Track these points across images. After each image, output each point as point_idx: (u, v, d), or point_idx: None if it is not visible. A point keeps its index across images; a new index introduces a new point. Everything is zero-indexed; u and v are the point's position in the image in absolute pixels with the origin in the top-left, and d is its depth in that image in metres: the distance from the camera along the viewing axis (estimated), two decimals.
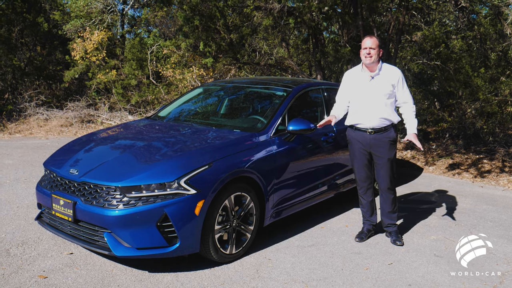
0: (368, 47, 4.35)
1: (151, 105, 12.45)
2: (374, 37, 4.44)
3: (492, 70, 10.82)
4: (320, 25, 10.99)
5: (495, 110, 9.87)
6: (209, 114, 5.67)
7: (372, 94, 4.42)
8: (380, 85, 4.41)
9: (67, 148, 4.53)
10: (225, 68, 12.66)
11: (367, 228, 4.77)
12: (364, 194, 4.72)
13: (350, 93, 4.57)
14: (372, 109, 4.41)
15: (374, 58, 4.36)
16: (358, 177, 4.68)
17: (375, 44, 4.34)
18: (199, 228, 3.69)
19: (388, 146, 4.46)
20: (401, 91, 4.45)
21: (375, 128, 4.43)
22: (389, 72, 4.46)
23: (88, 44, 12.14)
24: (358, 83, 4.51)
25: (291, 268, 3.97)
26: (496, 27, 11.17)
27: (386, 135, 4.44)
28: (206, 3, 9.89)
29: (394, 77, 4.43)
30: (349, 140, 4.65)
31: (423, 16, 11.61)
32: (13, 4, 12.59)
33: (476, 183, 7.37)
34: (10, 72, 12.78)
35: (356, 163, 4.64)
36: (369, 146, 4.49)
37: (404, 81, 4.48)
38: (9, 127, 10.50)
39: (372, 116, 4.41)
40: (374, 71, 4.43)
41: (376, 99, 4.40)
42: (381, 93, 4.39)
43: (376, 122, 4.42)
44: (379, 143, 4.45)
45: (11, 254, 3.95)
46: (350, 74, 4.66)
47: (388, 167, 4.50)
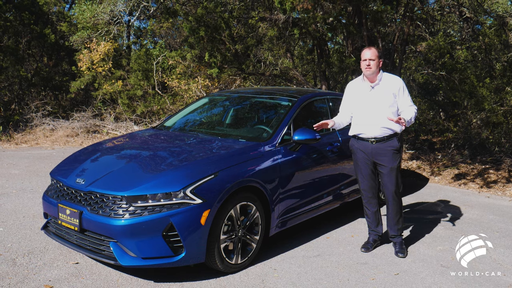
0: (368, 58, 4.37)
1: (157, 116, 12.51)
2: (373, 48, 4.46)
3: (498, 80, 10.79)
4: (325, 36, 11.04)
5: (501, 120, 9.83)
6: (214, 124, 5.69)
7: (372, 104, 4.43)
8: (380, 94, 4.42)
9: (74, 158, 4.56)
10: (230, 79, 12.71)
11: (373, 239, 4.74)
12: (368, 204, 4.70)
13: (352, 104, 4.60)
14: (373, 119, 4.42)
15: (373, 69, 4.37)
16: (362, 187, 4.67)
17: (374, 55, 4.36)
18: (205, 238, 3.69)
19: (391, 155, 4.44)
20: (402, 99, 4.44)
21: (377, 138, 4.44)
22: (389, 81, 4.47)
23: (94, 55, 12.24)
24: (359, 94, 4.54)
25: (296, 278, 3.95)
26: (501, 37, 11.17)
27: (389, 144, 4.43)
28: (211, 14, 9.96)
29: (394, 86, 4.43)
30: (352, 150, 4.66)
31: (427, 27, 11.65)
32: (20, 16, 12.73)
33: (482, 193, 7.33)
34: (17, 82, 12.89)
35: (360, 173, 4.64)
36: (371, 155, 4.49)
37: (405, 90, 4.46)
38: (15, 137, 10.56)
39: (374, 125, 4.42)
40: (375, 81, 4.45)
41: (377, 109, 4.41)
42: (382, 102, 4.40)
43: (377, 132, 4.42)
44: (382, 152, 4.44)
45: (17, 263, 3.96)
46: (352, 86, 4.68)
47: (392, 177, 4.48)
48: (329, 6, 8.70)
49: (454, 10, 11.11)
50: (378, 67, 4.41)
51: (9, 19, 12.69)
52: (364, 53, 4.42)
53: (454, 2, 10.61)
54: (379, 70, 4.45)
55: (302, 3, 7.84)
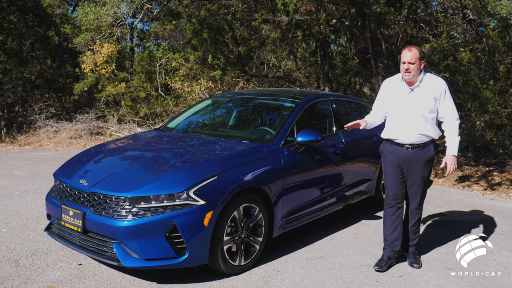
0: (407, 61, 3.96)
1: (160, 117, 12.52)
2: (414, 48, 4.01)
3: (501, 82, 10.77)
4: (328, 38, 11.05)
5: (505, 122, 9.80)
6: (217, 125, 5.68)
7: (411, 109, 4.06)
8: (420, 98, 4.03)
9: (77, 159, 4.56)
10: (233, 81, 12.72)
11: (387, 256, 4.31)
12: (391, 214, 4.29)
13: (387, 104, 4.25)
14: (410, 125, 4.07)
15: (413, 73, 3.98)
16: (390, 193, 4.28)
17: (414, 58, 3.94)
18: (208, 239, 3.68)
19: (424, 163, 4.12)
20: (442, 104, 4.04)
21: (413, 144, 4.09)
22: (431, 83, 4.06)
23: (97, 57, 12.27)
24: (397, 95, 4.16)
25: (300, 280, 3.94)
26: (505, 40, 11.16)
27: (424, 152, 4.09)
28: (214, 17, 9.98)
29: (436, 89, 4.02)
30: (383, 152, 4.34)
31: (431, 29, 11.64)
32: (24, 18, 12.78)
33: (486, 196, 7.30)
34: (21, 84, 12.93)
35: (388, 178, 4.29)
36: (404, 161, 4.15)
37: (447, 93, 4.05)
38: (19, 139, 10.58)
39: (410, 131, 4.07)
40: (414, 83, 4.06)
41: (415, 114, 4.04)
42: (421, 107, 4.02)
43: (414, 138, 4.08)
44: (416, 160, 4.11)
45: (20, 265, 3.96)
46: (389, 84, 4.29)
47: (421, 187, 4.19)
48: (332, 8, 8.70)
49: (457, 12, 11.10)
50: (420, 69, 4.00)
51: (13, 21, 12.74)
52: (403, 54, 4.01)
53: (458, 4, 10.59)
54: (421, 71, 4.05)
55: (305, 5, 7.84)
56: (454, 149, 4.06)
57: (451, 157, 4.06)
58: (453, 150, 4.06)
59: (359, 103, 6.22)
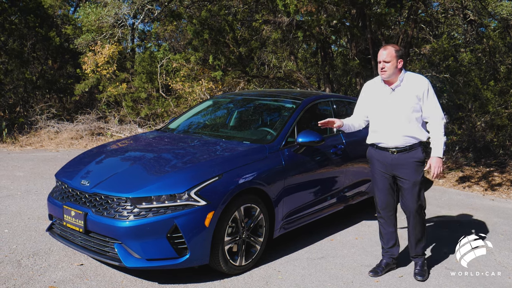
0: (382, 60, 3.83)
1: (161, 118, 12.54)
2: (390, 46, 3.88)
3: (502, 83, 10.79)
4: (329, 38, 11.06)
5: (505, 122, 9.83)
6: (218, 126, 5.70)
7: (393, 109, 3.89)
8: (402, 98, 3.86)
9: (78, 160, 4.57)
10: (234, 81, 12.75)
11: (385, 262, 4.20)
12: (384, 223, 4.17)
13: (369, 107, 4.10)
14: (394, 126, 3.89)
15: (389, 72, 3.84)
16: (379, 203, 4.14)
17: (390, 56, 3.81)
18: (209, 240, 3.70)
19: (414, 167, 3.89)
20: (425, 103, 3.85)
21: (399, 148, 3.90)
22: (413, 82, 3.88)
23: (99, 57, 12.29)
24: (377, 96, 4.00)
25: (301, 280, 3.95)
26: (505, 40, 11.17)
27: (412, 155, 3.88)
28: (215, 17, 10.00)
29: (419, 88, 3.84)
30: (370, 159, 4.16)
31: (431, 29, 11.65)
32: (25, 19, 12.81)
33: (486, 196, 7.31)
34: (22, 85, 12.96)
35: (377, 187, 4.13)
36: (391, 168, 3.96)
37: (430, 91, 3.86)
38: (20, 139, 10.60)
39: (395, 133, 3.89)
40: (395, 82, 3.90)
41: (398, 115, 3.87)
42: (404, 107, 3.85)
43: (399, 141, 3.89)
44: (404, 164, 3.90)
45: (22, 265, 3.98)
46: (369, 86, 4.14)
47: (415, 192, 3.93)
48: (333, 8, 8.72)
49: (458, 12, 11.12)
50: (397, 68, 3.84)
51: (15, 22, 12.77)
52: (379, 53, 3.88)
53: (458, 5, 10.61)
54: (400, 70, 3.88)
55: (306, 6, 7.86)
56: (439, 150, 3.84)
57: (435, 159, 3.84)
58: (437, 152, 3.84)
59: None
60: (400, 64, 3.85)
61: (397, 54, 3.83)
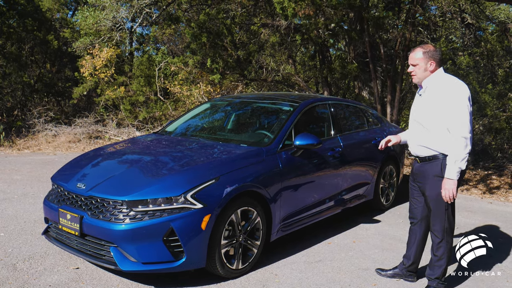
0: (410, 63, 3.61)
1: (159, 121, 12.53)
2: (418, 47, 3.59)
3: (500, 86, 10.81)
4: (327, 42, 11.08)
5: (503, 126, 9.84)
6: (216, 129, 5.69)
7: (415, 115, 3.66)
8: (425, 103, 3.58)
9: (75, 163, 4.55)
10: (232, 85, 12.75)
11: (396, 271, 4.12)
12: (410, 230, 4.01)
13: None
14: (413, 134, 3.70)
15: (419, 76, 3.57)
16: (409, 208, 3.97)
17: (417, 59, 3.54)
18: (206, 243, 3.67)
19: (434, 182, 3.55)
20: (448, 113, 3.40)
21: (420, 157, 3.65)
22: (442, 86, 3.48)
23: (97, 61, 12.28)
24: (414, 101, 3.80)
25: (298, 283, 3.93)
26: (503, 44, 11.19)
27: (431, 167, 3.55)
28: (213, 21, 10.00)
29: (445, 93, 3.42)
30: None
31: (429, 33, 11.67)
32: (24, 22, 12.80)
33: (485, 199, 7.30)
34: (20, 88, 12.94)
35: (410, 192, 3.94)
36: (413, 177, 3.79)
37: (457, 100, 3.37)
38: (18, 143, 10.57)
39: (412, 141, 3.72)
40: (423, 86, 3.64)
41: (417, 122, 3.63)
42: (424, 113, 3.56)
43: (417, 150, 3.66)
44: (424, 176, 3.63)
45: (17, 268, 3.95)
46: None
47: (436, 207, 3.60)
48: (330, 12, 8.72)
49: (456, 16, 11.14)
50: (428, 70, 3.53)
51: (13, 25, 12.77)
52: (409, 57, 3.64)
53: (456, 9, 10.63)
54: (433, 72, 3.56)
55: (304, 9, 7.87)
56: (451, 171, 3.39)
57: (446, 181, 3.44)
58: (449, 172, 3.41)
59: (357, 107, 6.23)
60: (431, 66, 3.52)
61: (426, 56, 3.52)
